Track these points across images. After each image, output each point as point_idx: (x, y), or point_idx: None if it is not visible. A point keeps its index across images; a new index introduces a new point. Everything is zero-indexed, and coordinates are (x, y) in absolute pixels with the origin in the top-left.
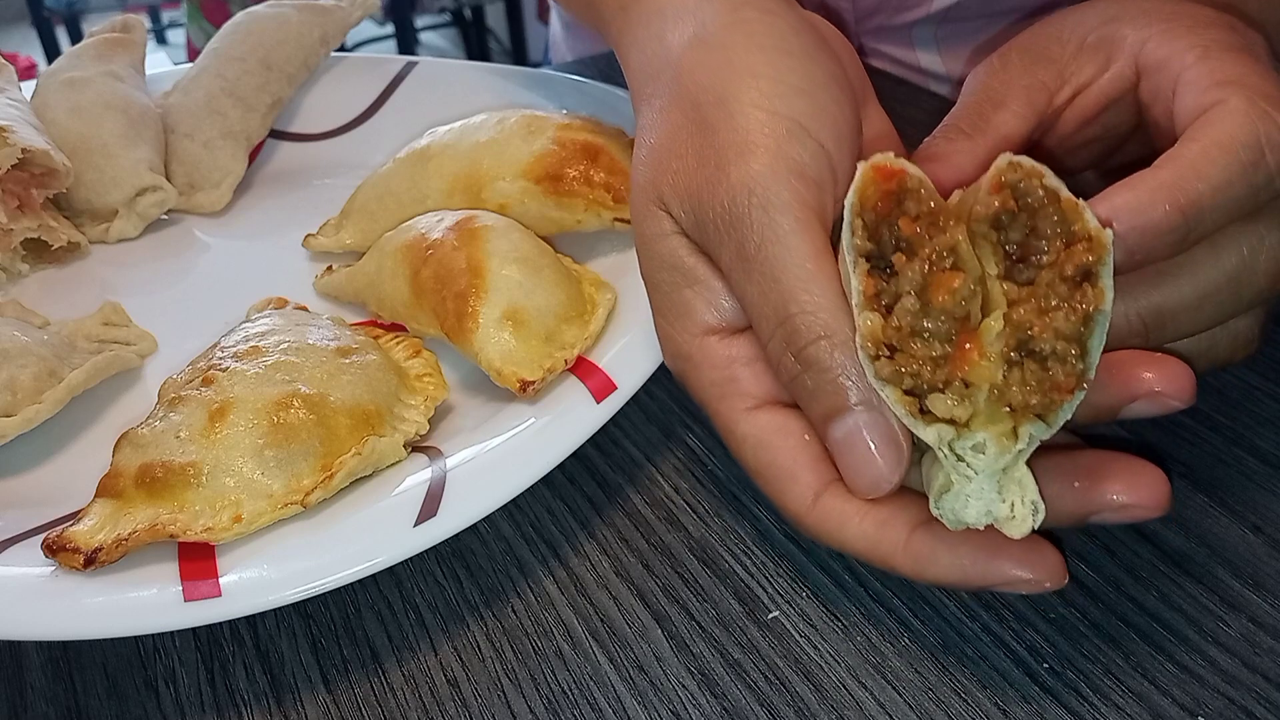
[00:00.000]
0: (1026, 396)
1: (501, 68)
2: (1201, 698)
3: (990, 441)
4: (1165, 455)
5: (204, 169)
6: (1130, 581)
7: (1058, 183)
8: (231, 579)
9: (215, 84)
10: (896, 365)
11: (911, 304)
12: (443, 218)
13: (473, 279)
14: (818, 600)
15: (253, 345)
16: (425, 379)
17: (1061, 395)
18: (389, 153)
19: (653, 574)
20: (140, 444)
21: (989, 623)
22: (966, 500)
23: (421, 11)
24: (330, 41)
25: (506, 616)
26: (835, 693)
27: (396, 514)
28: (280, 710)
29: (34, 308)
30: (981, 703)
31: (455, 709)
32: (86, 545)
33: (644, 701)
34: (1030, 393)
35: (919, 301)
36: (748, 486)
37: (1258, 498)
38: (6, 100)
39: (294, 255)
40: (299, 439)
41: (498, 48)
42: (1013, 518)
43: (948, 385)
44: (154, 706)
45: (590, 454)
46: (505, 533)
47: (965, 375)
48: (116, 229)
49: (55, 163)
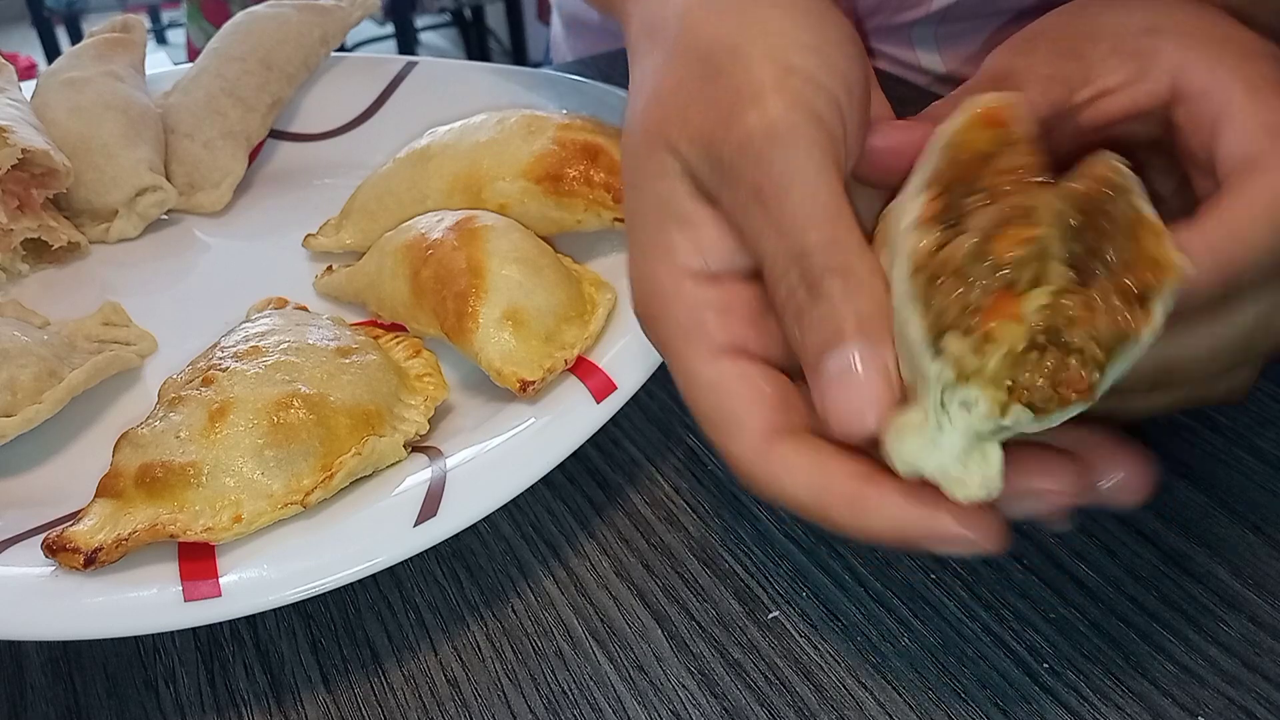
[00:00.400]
0: (1034, 377)
1: (501, 68)
2: (1201, 698)
3: (983, 402)
4: (1165, 455)
5: (204, 169)
6: (1130, 581)
7: (1146, 201)
8: (231, 579)
9: (215, 84)
10: (932, 289)
11: (970, 244)
12: (443, 218)
13: (473, 279)
14: (818, 600)
15: (253, 345)
16: (425, 379)
17: (1066, 394)
18: (389, 153)
19: (653, 574)
20: (140, 444)
21: (989, 623)
22: (931, 448)
23: (421, 11)
24: (330, 41)
25: (506, 616)
26: (835, 693)
27: (396, 514)
28: (280, 710)
29: (34, 308)
30: (981, 703)
31: (455, 709)
32: (86, 545)
33: (644, 701)
34: (1040, 376)
35: (980, 244)
36: None
37: (1258, 498)
38: (6, 100)
39: (294, 255)
40: (299, 439)
41: (498, 48)
42: (964, 482)
43: (968, 333)
44: (154, 706)
45: (590, 454)
46: (505, 533)
47: (990, 332)
48: (116, 229)
49: (55, 163)
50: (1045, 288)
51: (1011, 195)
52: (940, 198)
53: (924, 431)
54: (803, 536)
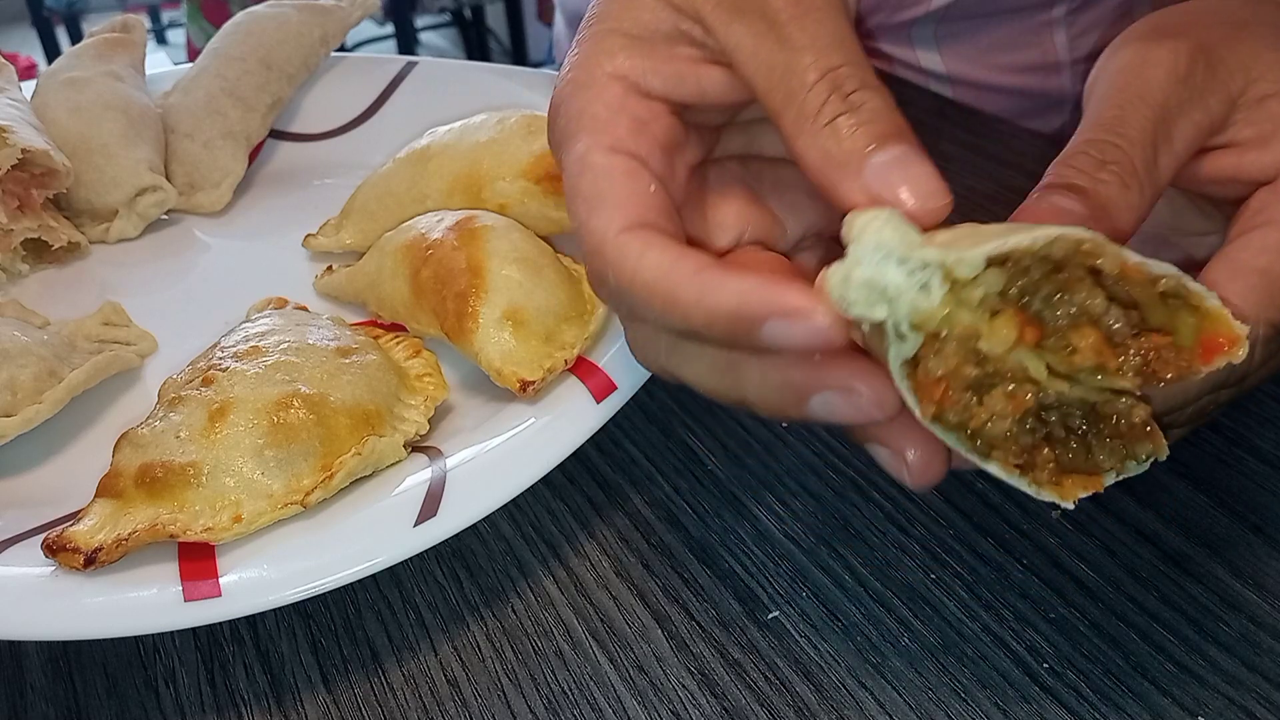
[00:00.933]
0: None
1: (501, 68)
2: (1201, 698)
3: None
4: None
5: (204, 169)
6: (1130, 581)
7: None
8: (231, 579)
9: (215, 84)
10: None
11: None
12: (443, 218)
13: (473, 279)
14: (818, 600)
15: (253, 345)
16: (425, 379)
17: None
18: (389, 153)
19: (653, 574)
20: (140, 444)
21: (989, 623)
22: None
23: (421, 11)
24: (330, 41)
25: (506, 616)
26: (835, 693)
27: (396, 514)
28: (280, 710)
29: (34, 308)
30: (981, 703)
31: (455, 709)
32: (86, 545)
33: (644, 701)
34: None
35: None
36: (748, 486)
37: (1258, 498)
38: (6, 100)
39: (294, 255)
40: (299, 439)
41: (498, 48)
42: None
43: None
44: (154, 706)
45: (590, 454)
46: (505, 533)
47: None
48: (116, 229)
49: (55, 163)
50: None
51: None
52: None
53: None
54: (803, 536)
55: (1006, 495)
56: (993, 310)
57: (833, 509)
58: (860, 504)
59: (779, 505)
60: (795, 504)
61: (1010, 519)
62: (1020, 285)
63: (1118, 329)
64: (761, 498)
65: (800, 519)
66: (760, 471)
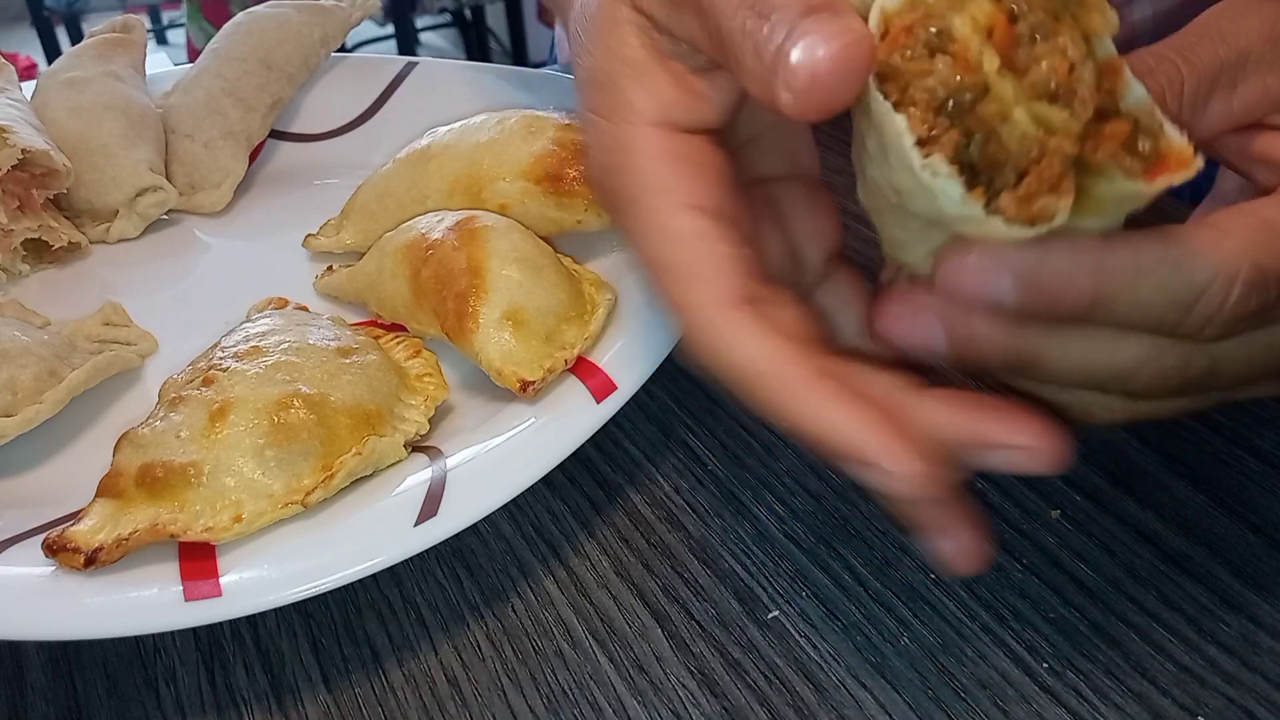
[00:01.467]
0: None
1: (501, 68)
2: (1201, 698)
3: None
4: (1165, 455)
5: (204, 169)
6: (1130, 581)
7: None
8: (232, 579)
9: (215, 84)
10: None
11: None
12: (443, 218)
13: (473, 279)
14: (818, 600)
15: (253, 345)
16: (425, 379)
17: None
18: (389, 153)
19: (653, 574)
20: (140, 444)
21: (989, 623)
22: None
23: (421, 12)
24: (330, 41)
25: (506, 616)
26: (835, 693)
27: (397, 514)
28: (280, 710)
29: (34, 308)
30: (981, 703)
31: (455, 709)
32: (87, 545)
33: (644, 701)
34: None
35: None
36: (748, 486)
37: (1258, 498)
38: (6, 100)
39: (294, 255)
40: (299, 439)
41: (498, 48)
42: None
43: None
44: (154, 706)
45: (590, 454)
46: (505, 532)
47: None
48: (117, 229)
49: (55, 163)
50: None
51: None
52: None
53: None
54: (803, 536)
55: (1006, 495)
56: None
57: (833, 509)
58: (860, 504)
59: (779, 505)
60: (795, 504)
61: (1010, 519)
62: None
63: (1085, 77)
64: (761, 497)
65: (800, 519)
66: (760, 471)
